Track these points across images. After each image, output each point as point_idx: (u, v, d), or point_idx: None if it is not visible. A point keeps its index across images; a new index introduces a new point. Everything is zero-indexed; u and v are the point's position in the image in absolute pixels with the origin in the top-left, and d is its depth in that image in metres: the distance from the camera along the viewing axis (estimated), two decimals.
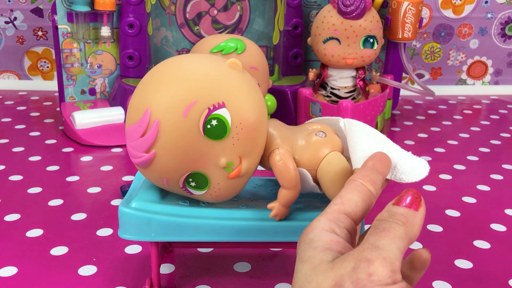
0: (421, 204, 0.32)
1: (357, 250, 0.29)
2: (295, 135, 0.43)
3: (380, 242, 0.29)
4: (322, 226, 0.32)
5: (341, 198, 0.33)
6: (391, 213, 0.31)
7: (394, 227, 0.30)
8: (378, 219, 0.31)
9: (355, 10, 0.82)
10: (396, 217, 0.31)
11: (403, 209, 0.31)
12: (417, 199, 0.32)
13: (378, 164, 0.36)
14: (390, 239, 0.30)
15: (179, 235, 0.45)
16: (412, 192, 0.32)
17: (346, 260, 0.29)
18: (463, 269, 0.55)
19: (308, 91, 0.91)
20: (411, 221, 0.31)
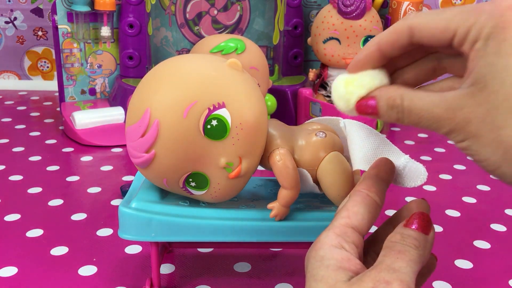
0: (431, 229, 0.32)
1: (374, 271, 0.29)
2: (295, 135, 0.43)
3: (396, 264, 0.29)
4: (331, 242, 0.32)
5: (347, 211, 0.33)
6: (404, 236, 0.31)
7: (409, 250, 0.30)
8: (391, 240, 0.31)
9: (355, 10, 0.82)
10: (410, 240, 0.31)
11: (416, 233, 0.31)
12: (427, 223, 0.32)
13: (382, 172, 0.35)
14: (405, 262, 0.30)
15: (179, 235, 0.45)
16: (423, 215, 0.32)
17: (363, 280, 0.29)
18: (463, 269, 0.55)
19: (308, 91, 0.91)
20: (423, 246, 0.31)
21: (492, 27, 0.27)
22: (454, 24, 0.29)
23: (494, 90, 0.27)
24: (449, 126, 0.29)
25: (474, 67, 0.28)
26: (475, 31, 0.28)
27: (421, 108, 0.30)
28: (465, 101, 0.28)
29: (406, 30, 0.31)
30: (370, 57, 0.33)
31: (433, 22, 0.30)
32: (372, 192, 0.34)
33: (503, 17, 0.27)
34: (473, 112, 0.28)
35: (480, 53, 0.28)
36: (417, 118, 0.30)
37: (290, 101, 0.93)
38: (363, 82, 0.33)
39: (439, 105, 0.29)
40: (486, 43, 0.27)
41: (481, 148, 0.28)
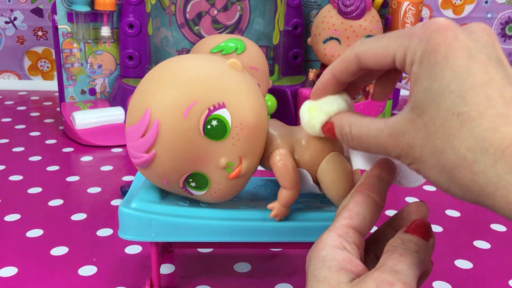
0: (431, 235, 0.32)
1: (376, 272, 0.30)
2: (295, 135, 0.43)
3: (399, 266, 0.30)
4: (332, 243, 0.32)
5: (349, 212, 0.33)
6: (404, 240, 0.32)
7: (410, 254, 0.31)
8: (392, 244, 0.32)
9: (355, 10, 0.82)
10: (410, 245, 0.31)
11: (416, 238, 0.32)
12: (428, 230, 0.32)
13: (384, 172, 0.35)
14: (407, 265, 0.30)
15: (179, 236, 0.45)
16: (423, 222, 0.33)
17: (366, 281, 0.29)
18: (463, 269, 0.55)
19: (308, 91, 0.91)
20: (423, 251, 0.31)
21: (422, 51, 0.28)
22: (391, 50, 0.30)
23: (431, 115, 0.28)
24: (395, 152, 0.30)
25: (412, 92, 0.29)
26: (410, 55, 0.29)
27: (368, 136, 0.31)
28: (406, 127, 0.29)
29: (354, 58, 0.32)
30: (327, 84, 0.35)
31: (373, 49, 0.31)
32: (374, 193, 0.34)
33: (431, 40, 0.28)
34: (414, 137, 0.29)
35: (416, 77, 0.28)
36: (366, 145, 0.32)
37: (290, 101, 0.93)
38: (322, 108, 0.36)
39: (383, 131, 0.30)
40: (421, 67, 0.28)
41: (428, 172, 0.29)
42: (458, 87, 0.27)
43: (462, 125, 0.26)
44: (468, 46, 0.28)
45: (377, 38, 0.31)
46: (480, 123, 0.26)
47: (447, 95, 0.27)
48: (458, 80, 0.27)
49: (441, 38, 0.28)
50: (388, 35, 0.31)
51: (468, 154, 0.26)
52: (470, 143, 0.26)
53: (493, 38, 0.29)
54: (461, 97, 0.27)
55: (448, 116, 0.27)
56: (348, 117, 0.34)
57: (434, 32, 0.28)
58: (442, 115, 0.27)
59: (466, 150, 0.26)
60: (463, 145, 0.26)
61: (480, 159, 0.26)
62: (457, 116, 0.27)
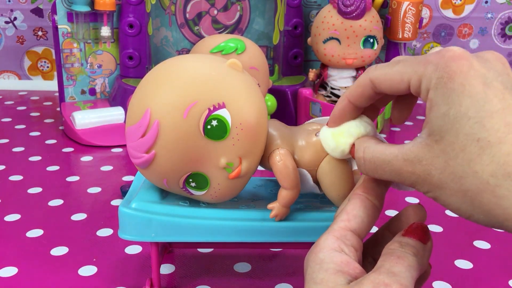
0: (429, 238, 0.33)
1: (373, 274, 0.30)
2: (295, 136, 0.43)
3: (396, 268, 0.30)
4: (330, 245, 0.32)
5: (347, 215, 0.34)
6: (402, 243, 0.32)
7: (408, 256, 0.31)
8: (389, 248, 0.32)
9: (355, 10, 0.82)
10: (408, 247, 0.31)
11: (413, 241, 0.32)
12: (425, 233, 0.32)
13: None
14: (404, 267, 0.30)
15: (179, 236, 0.45)
16: (421, 226, 0.33)
17: (363, 284, 0.29)
18: (463, 269, 0.55)
19: (308, 91, 0.91)
20: (421, 254, 0.31)
21: (438, 78, 0.28)
22: (406, 76, 0.30)
23: (450, 141, 0.28)
24: (411, 179, 0.30)
25: (429, 118, 0.29)
26: (425, 81, 0.29)
27: (382, 161, 0.31)
28: (422, 153, 0.29)
29: (369, 83, 0.33)
30: (344, 110, 0.36)
31: (389, 75, 0.31)
32: (372, 196, 0.34)
33: (447, 67, 0.28)
34: (432, 164, 0.29)
35: (433, 103, 0.29)
36: (380, 170, 0.32)
37: (290, 101, 0.93)
38: (351, 132, 0.36)
39: (398, 157, 0.30)
40: (437, 93, 0.28)
41: (449, 198, 0.29)
42: (476, 113, 0.27)
43: (483, 151, 0.27)
44: (483, 74, 0.28)
45: (392, 63, 0.31)
46: (500, 148, 0.26)
47: (466, 121, 0.27)
48: (476, 107, 0.27)
49: (457, 67, 0.28)
50: (403, 61, 0.31)
51: (491, 179, 0.27)
52: (492, 168, 0.27)
53: (507, 67, 0.29)
54: (480, 123, 0.27)
55: (468, 142, 0.27)
56: (364, 141, 0.34)
57: (450, 60, 0.28)
58: (461, 140, 0.27)
59: (489, 175, 0.27)
60: (485, 170, 0.27)
61: (503, 183, 0.26)
62: (477, 141, 0.27)
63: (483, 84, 0.28)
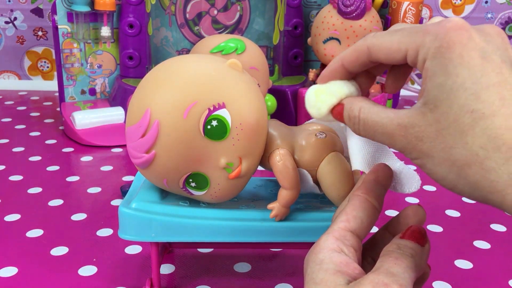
0: (426, 241, 0.33)
1: (372, 274, 0.30)
2: (295, 136, 0.43)
3: (394, 269, 0.30)
4: (330, 245, 0.32)
5: (346, 215, 0.34)
6: (400, 245, 0.32)
7: (406, 257, 0.31)
8: (387, 249, 0.32)
9: (355, 10, 0.83)
10: (406, 249, 0.31)
11: (411, 243, 0.32)
12: (423, 236, 0.33)
13: (381, 177, 0.36)
14: (403, 268, 0.30)
15: (179, 236, 0.45)
16: (418, 228, 0.33)
17: (362, 284, 0.29)
18: (463, 269, 0.55)
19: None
20: (419, 256, 0.32)
21: (437, 47, 0.28)
22: (404, 45, 0.30)
23: (444, 111, 0.28)
24: (401, 143, 0.30)
25: (425, 86, 0.29)
26: (423, 51, 0.29)
27: (376, 123, 0.31)
28: (416, 120, 0.29)
29: (365, 50, 0.32)
30: (335, 71, 0.35)
31: (387, 43, 0.31)
32: (371, 197, 0.34)
33: (447, 37, 0.28)
34: (424, 131, 0.29)
35: (429, 73, 0.29)
36: (372, 131, 0.32)
37: (290, 101, 0.93)
38: (332, 91, 0.35)
39: (393, 121, 0.30)
40: (434, 63, 0.28)
41: (436, 167, 0.29)
42: (472, 85, 0.27)
43: (475, 122, 0.27)
44: (482, 47, 0.28)
45: (390, 32, 0.31)
46: (493, 121, 0.26)
47: (462, 92, 0.27)
48: (473, 79, 0.27)
49: (456, 37, 0.28)
50: (401, 30, 0.31)
51: (481, 151, 0.27)
52: (483, 140, 0.27)
53: (506, 42, 0.29)
54: (475, 95, 0.27)
55: (462, 112, 0.27)
56: (359, 101, 0.33)
57: (450, 30, 0.28)
58: (455, 111, 0.27)
59: (479, 147, 0.27)
60: (476, 142, 0.27)
61: (492, 156, 0.26)
62: (471, 113, 0.27)
63: (481, 57, 0.28)
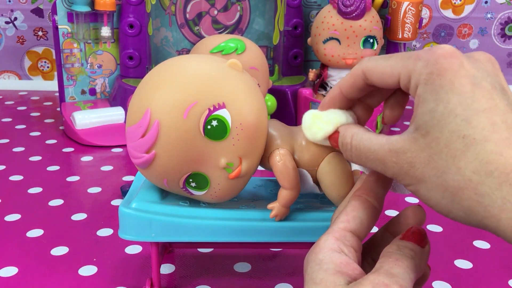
0: (426, 242, 0.33)
1: (372, 275, 0.30)
2: (295, 136, 0.43)
3: (394, 270, 0.30)
4: (330, 246, 0.32)
5: (346, 216, 0.34)
6: (400, 246, 0.32)
7: (406, 258, 0.31)
8: (387, 250, 0.32)
9: (355, 10, 0.83)
10: (406, 250, 0.31)
11: (412, 244, 0.32)
12: (423, 237, 0.33)
13: (381, 178, 0.36)
14: (403, 269, 0.30)
15: (179, 236, 0.45)
16: (419, 230, 0.33)
17: (362, 284, 0.29)
18: (463, 269, 0.55)
19: (308, 91, 0.91)
20: (419, 257, 0.32)
21: (428, 74, 0.29)
22: (396, 70, 0.30)
23: (435, 136, 0.28)
24: (393, 169, 0.30)
25: (417, 112, 0.29)
26: (415, 77, 0.29)
27: (368, 149, 0.32)
28: (408, 146, 0.29)
29: (360, 74, 0.33)
30: (334, 99, 0.36)
31: (380, 68, 0.32)
32: (371, 197, 0.34)
33: (438, 64, 0.28)
34: (417, 157, 0.29)
35: (421, 99, 0.29)
36: (364, 158, 0.32)
37: (290, 101, 0.93)
38: (329, 119, 0.36)
39: (384, 147, 0.31)
40: (425, 89, 0.29)
41: (429, 193, 0.29)
42: (463, 111, 0.27)
43: (467, 148, 0.27)
44: (473, 73, 0.28)
45: (385, 57, 0.32)
46: (485, 146, 0.27)
47: (452, 118, 0.27)
48: (463, 105, 0.27)
49: (447, 64, 0.28)
50: (395, 55, 0.31)
51: (474, 176, 0.27)
52: (475, 165, 0.27)
53: (497, 68, 0.30)
54: (466, 120, 0.27)
55: (453, 138, 0.27)
56: (352, 128, 0.34)
57: (441, 57, 0.28)
58: (447, 136, 0.28)
59: (471, 172, 0.27)
60: (468, 167, 0.27)
61: (485, 181, 0.27)
62: (462, 138, 0.27)
63: (471, 83, 0.28)
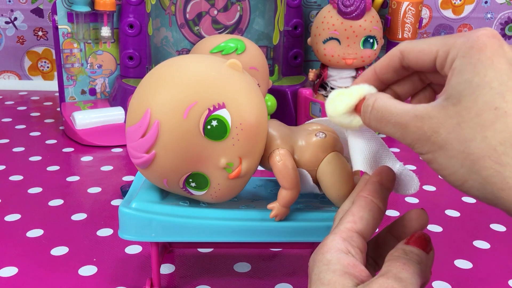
0: (431, 248, 0.33)
1: (381, 278, 0.30)
2: (295, 136, 0.43)
3: (402, 274, 0.30)
4: (337, 246, 0.32)
5: (352, 216, 0.34)
6: (406, 251, 0.32)
7: (413, 263, 0.31)
8: (393, 254, 0.32)
9: (355, 10, 0.83)
10: (412, 255, 0.32)
11: (417, 250, 0.32)
12: (427, 243, 0.33)
13: (384, 179, 0.36)
14: (410, 274, 0.30)
15: (179, 236, 0.45)
16: (423, 235, 0.33)
17: (372, 287, 0.29)
18: (463, 269, 0.55)
19: (308, 91, 0.91)
20: (424, 262, 0.32)
21: (468, 48, 0.29)
22: (435, 47, 0.31)
23: (467, 105, 0.28)
24: (415, 135, 0.30)
25: (450, 83, 0.29)
26: (454, 51, 0.30)
27: (390, 113, 0.31)
28: (436, 112, 0.30)
29: (398, 54, 0.34)
30: (367, 78, 0.36)
31: (419, 47, 0.32)
32: (376, 198, 0.35)
33: (479, 41, 0.29)
34: (443, 123, 0.29)
35: (457, 70, 0.29)
36: (385, 121, 0.32)
37: (290, 101, 0.93)
38: (352, 92, 0.35)
39: (409, 112, 0.31)
40: (463, 61, 0.29)
41: (447, 161, 0.29)
42: (499, 85, 0.28)
43: (497, 119, 0.27)
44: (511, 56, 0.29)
45: (424, 39, 0.33)
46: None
47: (488, 90, 0.28)
48: (499, 80, 0.28)
49: (489, 42, 0.29)
50: (435, 37, 0.32)
51: (499, 146, 0.27)
52: (503, 136, 0.27)
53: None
54: (501, 94, 0.28)
55: (485, 108, 0.28)
56: (377, 94, 0.34)
57: (483, 35, 0.29)
58: (479, 106, 0.28)
59: (498, 142, 0.27)
60: (495, 136, 0.27)
61: (509, 152, 0.27)
62: (494, 110, 0.28)
63: (509, 64, 0.28)
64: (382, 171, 0.36)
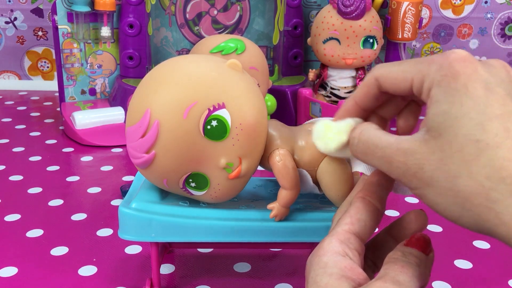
0: (431, 250, 0.32)
1: (379, 281, 0.29)
2: (295, 136, 0.43)
3: (400, 277, 0.30)
4: (334, 249, 0.32)
5: (350, 218, 0.33)
6: (405, 253, 0.32)
7: (412, 266, 0.31)
8: (392, 257, 0.31)
9: (355, 10, 0.83)
10: (411, 257, 0.31)
11: (416, 252, 0.32)
12: (427, 244, 0.32)
13: (383, 179, 0.35)
14: (409, 277, 0.30)
15: (179, 236, 0.45)
16: (423, 236, 0.33)
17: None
18: (463, 269, 0.55)
19: (308, 91, 0.91)
20: (423, 264, 0.31)
21: (442, 76, 0.28)
22: (410, 74, 0.30)
23: (448, 139, 0.28)
24: (400, 170, 0.29)
25: (429, 114, 0.29)
26: (428, 80, 0.29)
27: (375, 146, 0.31)
28: (418, 147, 0.29)
29: (373, 81, 0.33)
30: (349, 110, 0.35)
31: (393, 73, 0.31)
32: (374, 199, 0.34)
33: (452, 68, 0.28)
34: (426, 159, 0.28)
35: (434, 100, 0.28)
36: (370, 154, 0.31)
37: (290, 101, 0.93)
38: (340, 128, 0.35)
39: (392, 145, 0.30)
40: (439, 91, 0.28)
41: (437, 198, 0.28)
42: (477, 115, 0.27)
43: (480, 152, 0.27)
44: (486, 79, 0.28)
45: (397, 62, 0.32)
46: (497, 152, 0.26)
47: (467, 121, 0.27)
48: (477, 109, 0.27)
49: (461, 68, 0.28)
50: (408, 61, 0.31)
51: (486, 182, 0.26)
52: (488, 171, 0.26)
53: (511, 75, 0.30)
54: (480, 125, 0.27)
55: (466, 142, 0.27)
56: (364, 125, 0.33)
57: (455, 61, 0.28)
58: (460, 140, 0.27)
59: (484, 177, 0.26)
60: (481, 172, 0.27)
61: (497, 187, 0.26)
62: (476, 142, 0.27)
63: (485, 88, 0.28)
64: (380, 171, 0.36)
